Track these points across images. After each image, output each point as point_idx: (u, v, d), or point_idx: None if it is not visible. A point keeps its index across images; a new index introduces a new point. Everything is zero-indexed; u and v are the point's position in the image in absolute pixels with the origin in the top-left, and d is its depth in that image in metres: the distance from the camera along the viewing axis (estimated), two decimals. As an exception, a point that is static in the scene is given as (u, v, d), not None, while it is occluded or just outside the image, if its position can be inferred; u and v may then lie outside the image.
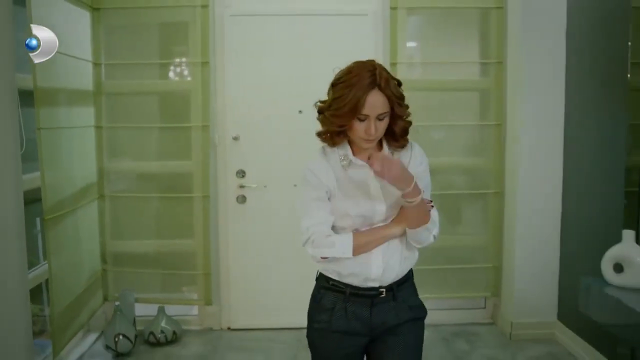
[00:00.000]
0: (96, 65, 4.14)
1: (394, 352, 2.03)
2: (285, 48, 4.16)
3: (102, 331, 4.13)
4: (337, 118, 1.87)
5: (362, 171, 1.95)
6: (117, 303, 4.11)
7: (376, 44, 4.17)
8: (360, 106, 1.82)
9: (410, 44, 4.31)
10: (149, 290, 4.32)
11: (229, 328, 4.37)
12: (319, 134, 1.98)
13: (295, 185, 4.09)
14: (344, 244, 1.93)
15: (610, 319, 2.86)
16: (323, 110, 1.94)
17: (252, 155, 4.27)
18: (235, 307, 4.37)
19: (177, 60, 4.31)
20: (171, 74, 4.32)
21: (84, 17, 4.02)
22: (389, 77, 1.87)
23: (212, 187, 4.27)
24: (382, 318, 2.01)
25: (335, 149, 1.98)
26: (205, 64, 4.14)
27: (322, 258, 1.95)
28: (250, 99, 4.21)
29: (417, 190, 1.84)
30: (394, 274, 2.00)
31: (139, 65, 4.22)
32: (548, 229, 4.06)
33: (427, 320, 2.12)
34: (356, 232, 1.96)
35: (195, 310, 4.43)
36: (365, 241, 1.95)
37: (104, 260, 4.27)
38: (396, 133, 1.95)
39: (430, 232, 1.98)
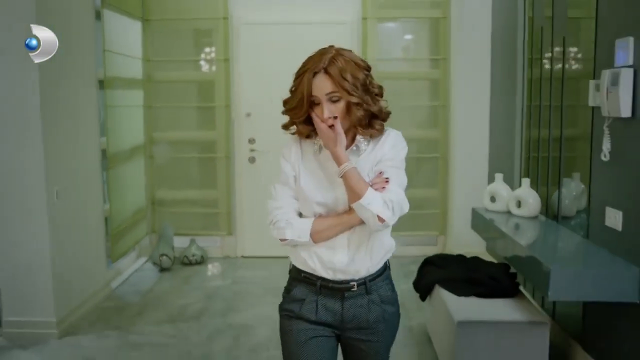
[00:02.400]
0: (145, 61, 5.67)
1: (365, 355, 2.00)
2: (284, 48, 5.56)
3: (150, 255, 5.67)
4: (296, 109, 1.89)
5: (331, 157, 1.89)
6: (161, 232, 5.64)
7: (352, 46, 5.58)
8: (307, 93, 1.83)
9: (378, 45, 5.72)
10: (183, 226, 5.84)
11: (242, 256, 5.88)
12: (285, 127, 1.99)
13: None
14: (302, 227, 1.90)
15: (487, 235, 4.21)
16: (285, 104, 1.95)
17: (260, 128, 5.73)
18: (247, 239, 5.87)
19: (205, 57, 5.80)
20: (201, 67, 5.82)
21: (137, 26, 5.54)
22: (344, 61, 1.84)
23: (231, 151, 5.77)
24: (353, 312, 1.95)
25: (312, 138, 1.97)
26: (226, 60, 5.64)
27: (281, 240, 1.92)
28: (258, 85, 5.67)
29: (339, 160, 1.84)
30: (365, 267, 1.94)
31: (176, 61, 5.76)
32: (477, 183, 5.40)
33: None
34: (317, 218, 1.92)
35: (218, 242, 5.93)
36: (323, 227, 1.89)
37: (149, 202, 5.82)
38: (361, 120, 1.88)
39: (371, 210, 1.81)
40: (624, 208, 2.95)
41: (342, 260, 1.91)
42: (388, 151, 1.93)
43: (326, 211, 1.92)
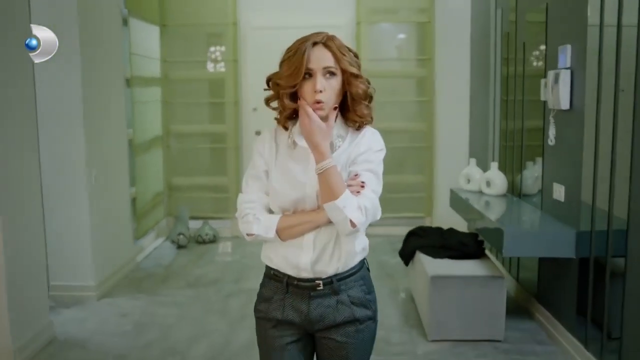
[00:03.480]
0: (163, 61, 6.35)
1: (335, 356, 1.93)
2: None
3: (168, 235, 6.36)
4: (286, 78, 1.82)
5: (305, 153, 1.86)
6: (177, 214, 6.34)
7: (347, 47, 6.27)
8: (305, 60, 1.79)
9: (371, 46, 6.40)
10: (197, 209, 6.53)
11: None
12: (268, 101, 1.97)
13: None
14: (269, 223, 1.85)
15: (463, 211, 4.90)
16: (272, 77, 1.91)
17: (266, 121, 6.35)
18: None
19: (216, 58, 6.48)
20: (212, 67, 6.51)
21: (155, 31, 6.22)
22: (341, 43, 1.85)
23: (239, 142, 6.46)
24: (320, 312, 1.90)
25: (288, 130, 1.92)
26: (234, 60, 6.32)
27: (248, 235, 1.88)
28: (264, 83, 6.31)
29: (321, 156, 1.77)
30: (333, 266, 1.88)
31: (190, 62, 6.45)
32: (459, 168, 6.02)
33: (381, 231, 2.01)
34: (284, 215, 1.87)
35: (228, 223, 6.61)
36: (289, 224, 1.85)
37: (166, 188, 6.51)
38: (353, 98, 1.85)
39: (344, 213, 1.76)
40: (566, 183, 3.64)
41: (307, 259, 1.86)
42: (364, 152, 1.88)
43: (294, 208, 1.87)
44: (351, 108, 1.88)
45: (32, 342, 3.65)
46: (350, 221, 1.77)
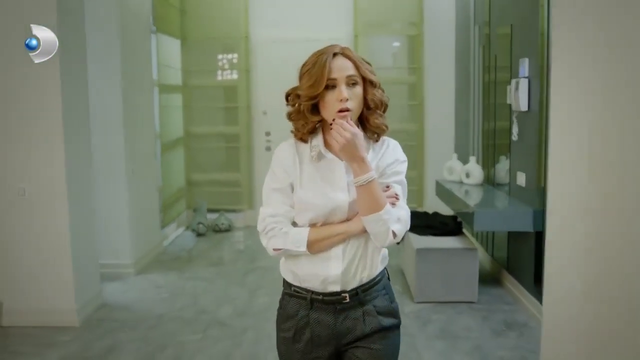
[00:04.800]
0: (183, 70, 7.17)
1: None
2: (292, 59, 6.97)
3: (188, 224, 7.17)
4: (308, 89, 1.81)
5: (330, 165, 1.86)
6: (197, 206, 7.15)
7: (346, 57, 7.07)
8: (328, 71, 1.79)
9: (367, 56, 7.20)
10: (213, 202, 7.34)
11: (260, 225, 7.37)
12: (290, 115, 1.93)
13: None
14: (298, 236, 1.83)
15: (446, 200, 5.68)
16: (292, 92, 1.90)
17: (274, 123, 7.22)
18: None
19: (230, 67, 7.30)
20: (227, 75, 7.33)
21: (177, 44, 7.04)
22: (357, 54, 1.89)
23: (251, 142, 7.27)
24: (348, 325, 1.88)
25: (307, 142, 1.90)
26: (246, 70, 7.15)
27: (274, 250, 1.86)
28: (272, 90, 7.11)
29: (364, 168, 1.76)
30: (358, 277, 1.87)
31: (208, 71, 7.27)
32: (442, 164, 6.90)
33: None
34: (313, 227, 1.84)
35: (241, 215, 7.42)
36: (321, 236, 1.82)
37: (186, 183, 7.32)
38: (369, 107, 1.86)
39: (387, 225, 1.77)
40: (526, 171, 4.45)
41: (337, 271, 1.84)
42: (392, 163, 1.90)
43: (324, 219, 1.84)
44: (367, 118, 1.89)
45: (89, 305, 4.45)
46: (393, 232, 1.79)
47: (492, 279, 5.13)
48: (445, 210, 5.91)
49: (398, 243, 1.89)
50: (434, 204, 6.64)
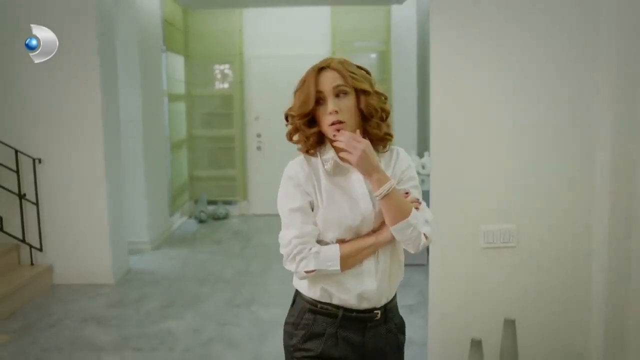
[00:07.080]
0: (187, 82, 8.40)
1: None
2: (280, 71, 8.23)
3: (191, 213, 8.39)
4: (299, 108, 1.79)
5: (347, 176, 1.81)
6: (198, 198, 8.36)
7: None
8: (314, 86, 1.76)
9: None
10: (212, 194, 8.56)
11: (253, 214, 8.60)
12: (290, 135, 1.87)
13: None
14: (329, 254, 1.74)
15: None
16: (288, 112, 1.87)
17: (265, 126, 8.44)
18: (256, 202, 8.57)
19: (226, 79, 8.53)
20: (224, 86, 8.56)
21: (181, 59, 8.27)
22: (345, 61, 1.84)
23: (244, 142, 8.51)
24: (374, 344, 1.84)
25: (317, 157, 1.83)
26: (241, 81, 8.39)
27: (306, 272, 1.75)
28: (263, 98, 8.39)
29: (383, 178, 1.71)
30: (386, 293, 1.83)
31: (207, 82, 8.51)
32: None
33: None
34: (342, 243, 1.77)
35: (237, 205, 8.63)
36: (353, 251, 1.76)
37: (189, 178, 8.54)
38: (365, 116, 1.79)
39: (418, 229, 1.73)
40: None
41: (373, 286, 1.79)
42: (406, 169, 1.88)
43: (349, 233, 1.78)
44: (365, 128, 1.82)
45: (120, 269, 5.65)
46: (425, 235, 1.76)
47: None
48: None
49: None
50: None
